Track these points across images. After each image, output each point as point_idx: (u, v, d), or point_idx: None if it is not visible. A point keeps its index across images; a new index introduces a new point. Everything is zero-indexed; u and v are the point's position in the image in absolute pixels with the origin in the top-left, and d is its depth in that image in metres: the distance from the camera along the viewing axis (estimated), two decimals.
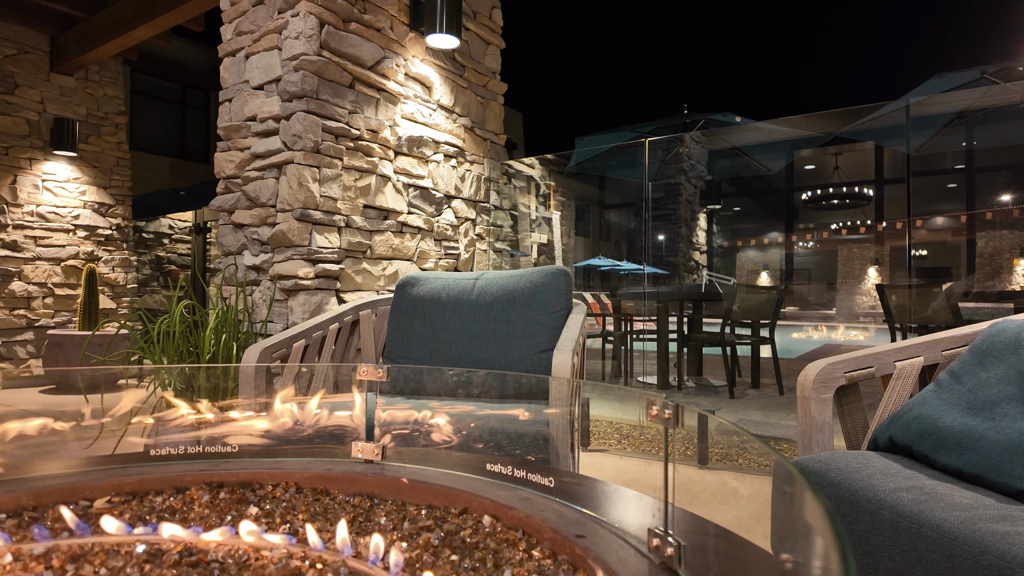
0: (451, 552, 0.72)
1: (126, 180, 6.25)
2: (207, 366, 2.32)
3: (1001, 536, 0.83)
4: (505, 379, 1.86)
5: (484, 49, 4.14)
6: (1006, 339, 1.24)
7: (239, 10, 3.27)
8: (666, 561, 0.64)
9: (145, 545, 0.72)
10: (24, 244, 5.48)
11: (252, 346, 1.92)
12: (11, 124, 5.40)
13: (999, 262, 12.85)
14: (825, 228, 18.46)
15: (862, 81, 69.70)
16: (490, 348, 2.07)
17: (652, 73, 79.51)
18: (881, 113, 5.28)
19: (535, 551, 0.72)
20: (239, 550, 0.72)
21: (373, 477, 0.91)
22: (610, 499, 0.86)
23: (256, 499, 0.88)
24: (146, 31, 4.94)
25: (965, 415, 1.15)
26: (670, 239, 9.85)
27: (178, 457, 0.99)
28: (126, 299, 6.29)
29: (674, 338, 4.88)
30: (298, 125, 2.92)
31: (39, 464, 0.92)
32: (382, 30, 3.33)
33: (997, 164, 13.26)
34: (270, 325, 3.01)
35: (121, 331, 4.65)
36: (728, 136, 8.76)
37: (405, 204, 3.52)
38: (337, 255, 3.06)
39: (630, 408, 3.76)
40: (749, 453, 2.94)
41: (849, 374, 1.39)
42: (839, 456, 1.18)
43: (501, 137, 4.33)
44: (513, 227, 5.53)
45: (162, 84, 9.84)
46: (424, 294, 2.23)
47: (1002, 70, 4.82)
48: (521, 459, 1.13)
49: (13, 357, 5.44)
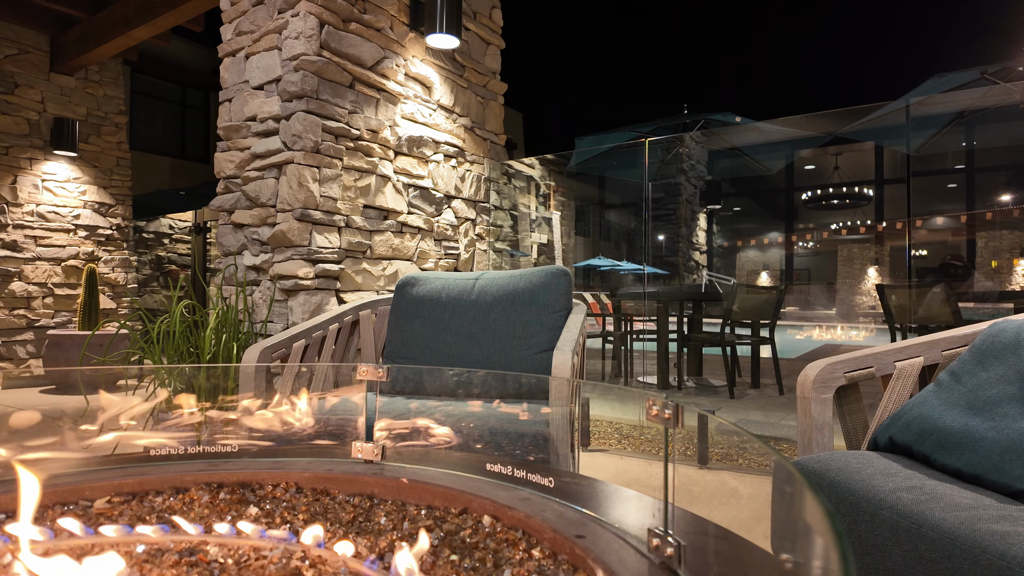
0: (451, 552, 0.72)
1: (126, 180, 6.25)
2: (207, 366, 2.32)
3: (1001, 536, 0.83)
4: (505, 379, 1.86)
5: (484, 49, 4.14)
6: (1006, 339, 1.24)
7: (239, 10, 3.27)
8: (666, 561, 0.64)
9: (145, 545, 0.72)
10: (24, 244, 5.48)
11: (252, 346, 1.92)
12: (11, 124, 5.40)
13: (998, 262, 12.84)
14: (825, 228, 18.46)
15: (862, 82, 69.71)
16: (490, 348, 2.07)
17: (655, 80, 79.55)
18: (881, 113, 5.27)
19: (535, 551, 0.72)
20: (239, 550, 0.72)
21: (373, 477, 0.91)
22: (610, 499, 0.86)
23: (256, 499, 0.88)
24: (146, 31, 4.94)
25: (965, 415, 1.15)
26: (670, 239, 9.85)
27: (178, 457, 0.99)
28: (126, 299, 6.29)
29: (674, 338, 4.88)
30: (298, 125, 2.92)
31: (39, 464, 0.92)
32: (382, 30, 3.33)
33: (997, 164, 13.26)
34: (270, 325, 3.01)
35: (121, 331, 4.65)
36: (728, 136, 8.76)
37: (405, 204, 3.52)
38: (337, 255, 3.06)
39: (630, 408, 3.76)
40: (749, 453, 2.94)
41: (849, 374, 1.39)
42: (839, 456, 1.18)
43: (501, 137, 4.33)
44: (513, 227, 5.53)
45: (162, 84, 9.84)
46: (424, 294, 2.23)
47: (1002, 70, 4.82)
48: (521, 459, 1.13)
49: (13, 357, 5.44)
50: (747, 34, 73.52)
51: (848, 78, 69.09)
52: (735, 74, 78.92)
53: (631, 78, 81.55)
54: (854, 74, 70.68)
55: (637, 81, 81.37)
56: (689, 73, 76.24)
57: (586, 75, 75.71)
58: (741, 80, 78.18)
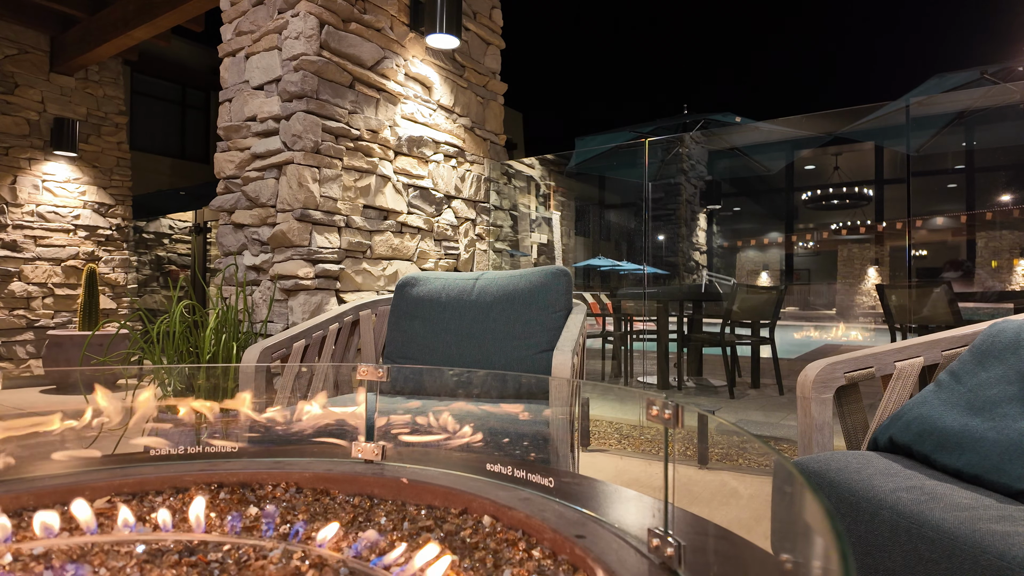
0: (451, 552, 0.72)
1: (126, 180, 6.25)
2: (207, 366, 2.32)
3: (1001, 536, 0.83)
4: (505, 379, 1.86)
5: (484, 49, 4.14)
6: (1006, 339, 1.24)
7: (239, 10, 3.27)
8: (666, 561, 0.64)
9: (145, 545, 0.72)
10: (24, 244, 5.48)
11: (252, 346, 1.92)
12: (11, 124, 5.40)
13: (998, 262, 12.84)
14: (825, 228, 18.47)
15: (862, 82, 69.72)
16: (490, 348, 2.07)
17: (655, 80, 79.54)
18: (881, 113, 5.27)
19: (535, 551, 0.72)
20: (239, 550, 0.72)
21: (373, 477, 0.91)
22: (610, 499, 0.86)
23: (256, 499, 0.88)
24: (146, 31, 4.94)
25: (965, 415, 1.15)
26: (670, 239, 9.85)
27: (178, 457, 0.99)
28: (126, 299, 6.29)
29: (674, 338, 4.88)
30: (298, 125, 2.92)
31: (39, 464, 0.92)
32: (382, 30, 3.33)
33: (997, 164, 13.26)
34: (270, 325, 3.01)
35: (121, 331, 4.65)
36: (728, 136, 8.76)
37: (405, 204, 3.52)
38: (337, 255, 3.06)
39: (630, 408, 3.76)
40: (749, 453, 2.94)
41: (849, 374, 1.39)
42: (839, 456, 1.18)
43: (501, 137, 4.33)
44: (513, 227, 5.53)
45: (162, 84, 9.84)
46: (424, 294, 2.23)
47: (1002, 70, 4.82)
48: (521, 459, 1.13)
49: (13, 357, 5.44)
50: (747, 34, 73.56)
51: (848, 78, 69.12)
52: (735, 74, 78.96)
53: (631, 78, 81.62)
54: (854, 74, 70.73)
55: (637, 81, 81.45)
56: (689, 73, 76.28)
57: (586, 75, 75.76)
58: (741, 80, 78.24)
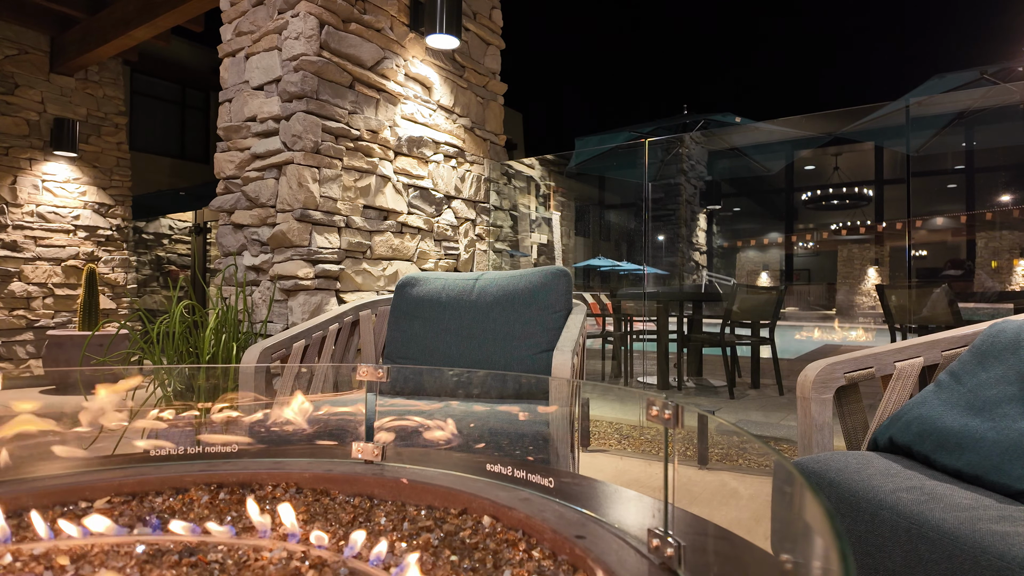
0: (451, 552, 0.72)
1: (126, 180, 6.25)
2: (207, 366, 2.32)
3: (1001, 536, 0.83)
4: (505, 379, 1.86)
5: (484, 49, 4.14)
6: (1006, 339, 1.24)
7: (239, 10, 3.27)
8: (666, 562, 0.64)
9: (145, 545, 0.72)
10: (24, 244, 5.48)
11: (252, 346, 1.91)
12: (11, 124, 5.40)
13: (998, 262, 12.84)
14: (825, 228, 18.47)
15: (862, 82, 69.77)
16: (490, 348, 2.07)
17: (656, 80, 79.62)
18: (881, 114, 5.27)
19: (535, 551, 0.72)
20: (239, 550, 0.72)
21: (373, 477, 0.91)
22: (610, 499, 0.86)
23: (256, 499, 0.88)
24: (146, 31, 4.94)
25: (965, 415, 1.15)
26: (670, 239, 9.84)
27: (178, 458, 0.99)
28: (126, 299, 6.28)
29: (674, 338, 4.88)
30: (298, 125, 2.92)
31: (39, 464, 0.92)
32: (382, 30, 3.33)
33: (997, 164, 13.27)
34: (270, 325, 3.01)
35: (121, 331, 4.65)
36: (728, 136, 8.75)
37: (405, 204, 3.52)
38: (337, 255, 3.06)
39: (630, 408, 3.76)
40: (749, 453, 2.94)
41: (849, 374, 1.39)
42: (839, 456, 1.18)
43: (501, 137, 4.33)
44: (513, 227, 5.53)
45: (162, 84, 9.84)
46: (424, 294, 2.23)
47: (1002, 70, 4.82)
48: (521, 459, 1.13)
49: (13, 357, 5.44)
50: (747, 34, 73.60)
51: (848, 78, 69.13)
52: (735, 74, 79.00)
53: (631, 78, 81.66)
54: (854, 74, 70.73)
55: (637, 81, 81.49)
56: (689, 73, 76.29)
57: (586, 75, 75.78)
58: (741, 80, 78.26)
